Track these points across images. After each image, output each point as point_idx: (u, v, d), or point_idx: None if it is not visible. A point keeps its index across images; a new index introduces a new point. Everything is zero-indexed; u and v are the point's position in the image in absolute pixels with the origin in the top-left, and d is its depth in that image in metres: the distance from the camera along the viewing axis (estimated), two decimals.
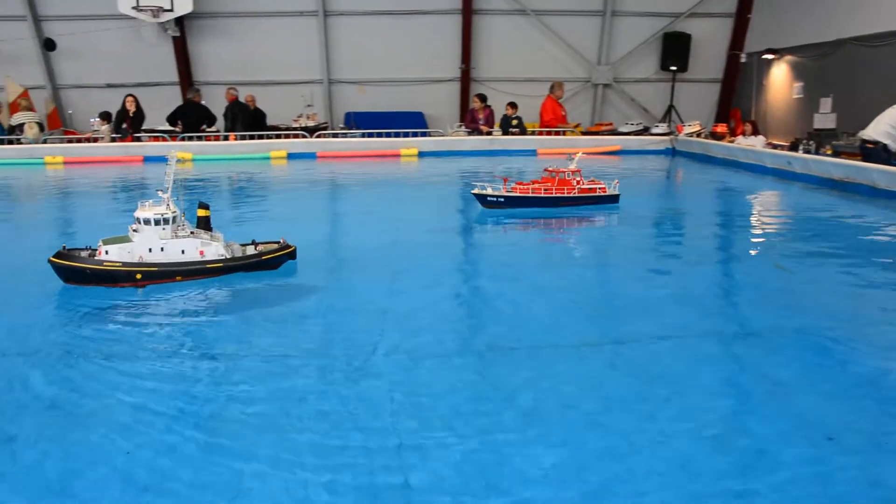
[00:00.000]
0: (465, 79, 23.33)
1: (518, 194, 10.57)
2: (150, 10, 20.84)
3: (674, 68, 23.28)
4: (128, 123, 19.38)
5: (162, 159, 18.01)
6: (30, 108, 19.97)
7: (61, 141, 19.89)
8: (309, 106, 21.58)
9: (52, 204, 13.79)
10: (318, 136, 19.95)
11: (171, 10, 21.03)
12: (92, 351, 5.20)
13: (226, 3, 22.21)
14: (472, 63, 23.26)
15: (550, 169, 10.81)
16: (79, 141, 19.85)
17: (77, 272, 6.58)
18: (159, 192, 6.78)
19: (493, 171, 16.30)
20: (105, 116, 19.82)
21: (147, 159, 18.46)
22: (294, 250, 7.33)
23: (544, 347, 5.34)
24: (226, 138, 19.56)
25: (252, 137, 19.48)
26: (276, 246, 7.29)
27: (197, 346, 5.37)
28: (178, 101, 21.35)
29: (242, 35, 22.56)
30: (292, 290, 6.86)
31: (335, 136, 20.62)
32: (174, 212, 6.76)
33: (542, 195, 10.64)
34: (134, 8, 20.88)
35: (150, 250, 6.67)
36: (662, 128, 21.37)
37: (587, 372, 4.92)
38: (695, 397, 4.48)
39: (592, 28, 23.52)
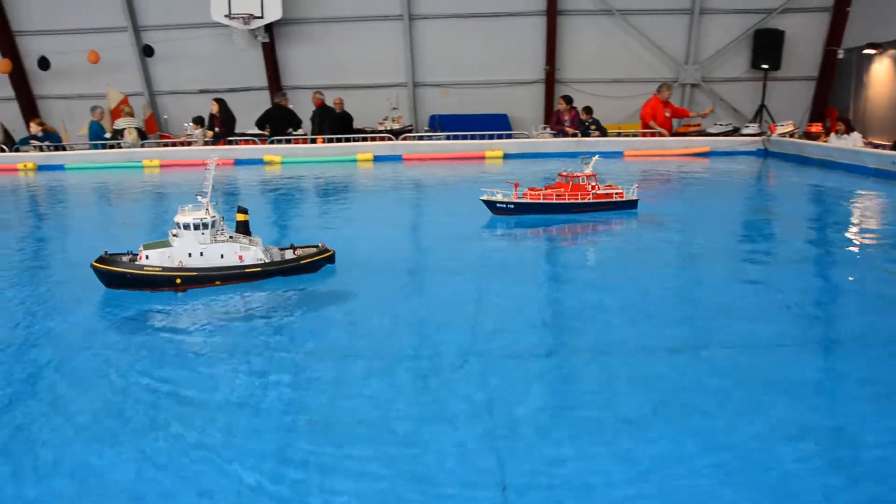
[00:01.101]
0: (550, 80, 23.13)
1: (528, 201, 10.23)
2: (242, 17, 21.40)
3: (765, 66, 22.50)
4: (217, 126, 20.00)
5: (252, 162, 18.79)
6: (131, 115, 20.83)
7: (157, 145, 20.65)
8: (394, 109, 21.81)
9: (143, 205, 14.36)
10: (404, 139, 20.10)
11: (261, 17, 21.55)
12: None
13: (313, 9, 22.63)
14: (556, 64, 23.05)
15: (565, 173, 10.45)
16: (174, 145, 20.58)
17: (118, 277, 6.64)
18: (198, 197, 6.80)
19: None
20: (198, 121, 20.53)
21: (238, 162, 19.00)
22: (333, 254, 7.34)
23: (638, 352, 5.23)
24: (313, 141, 19.92)
25: (339, 140, 19.79)
26: (314, 250, 7.31)
27: (291, 345, 5.51)
28: (267, 106, 21.86)
29: (329, 40, 22.95)
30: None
31: (420, 138, 20.74)
32: (213, 216, 6.78)
33: (554, 201, 10.26)
34: (226, 16, 21.49)
35: (189, 255, 6.71)
36: (753, 128, 20.69)
37: (688, 376, 4.79)
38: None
39: (680, 27, 22.98)
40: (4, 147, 20.66)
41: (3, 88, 23.71)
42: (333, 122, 20.40)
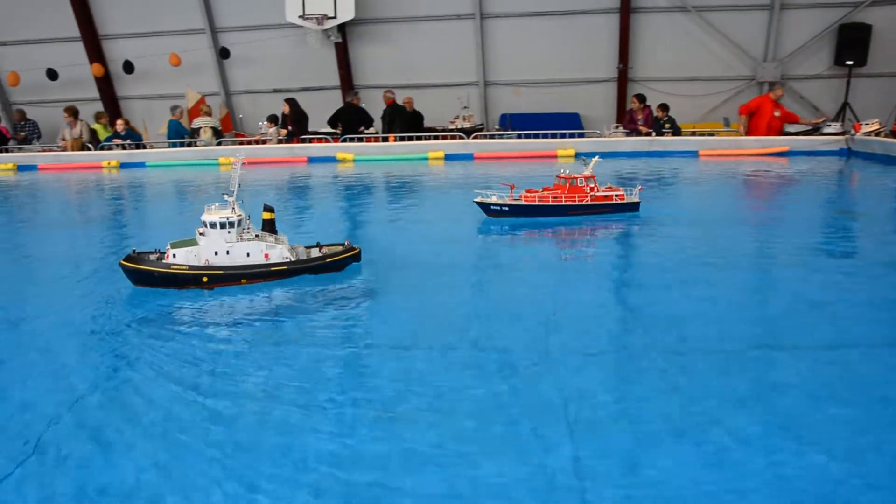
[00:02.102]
0: (623, 79, 22.79)
1: (523, 203, 9.93)
2: (316, 17, 21.74)
3: (850, 62, 21.65)
4: (289, 125, 20.34)
5: (325, 160, 19.03)
6: (208, 114, 21.38)
7: (233, 143, 21.12)
8: (465, 108, 21.82)
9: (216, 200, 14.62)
10: (475, 138, 20.07)
11: (334, 18, 21.85)
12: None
13: (385, 9, 22.82)
14: (629, 63, 22.69)
15: (563, 175, 10.07)
16: (249, 143, 21.02)
17: (145, 275, 6.66)
18: (225, 196, 6.79)
19: (649, 173, 15.88)
20: (272, 119, 20.93)
21: (311, 160, 19.30)
22: (359, 252, 7.27)
23: (714, 353, 5.05)
24: (385, 139, 20.06)
25: (410, 139, 19.88)
26: (340, 248, 7.25)
27: (361, 338, 5.52)
28: (339, 105, 22.15)
29: (400, 39, 23.12)
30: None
31: (491, 137, 20.67)
32: (239, 215, 6.77)
33: (549, 203, 9.92)
34: (300, 16, 21.86)
35: (215, 253, 6.69)
36: (836, 127, 19.91)
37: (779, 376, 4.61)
38: None
39: (758, 23, 22.30)
40: (90, 145, 21.45)
41: (90, 90, 24.67)
42: (404, 121, 20.53)
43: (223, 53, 23.67)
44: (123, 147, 21.00)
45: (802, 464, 3.53)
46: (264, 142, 20.62)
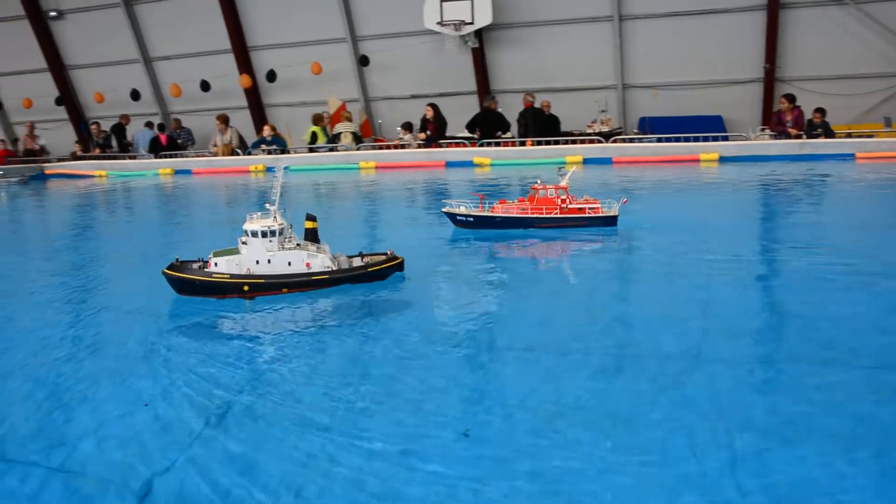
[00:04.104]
0: (769, 79, 21.72)
1: (486, 214, 9.40)
2: (453, 24, 21.99)
3: None
4: (431, 130, 20.64)
5: (462, 164, 19.20)
6: (349, 120, 22.06)
7: (373, 148, 21.68)
8: (603, 111, 21.44)
9: (358, 205, 14.99)
10: (613, 142, 19.70)
11: (471, 23, 22.02)
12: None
13: (522, 13, 22.80)
14: (776, 62, 21.61)
15: (536, 185, 9.44)
16: (388, 148, 21.50)
17: (188, 283, 6.67)
18: (266, 205, 6.71)
19: (800, 176, 15.10)
20: (407, 126, 21.32)
21: (449, 164, 19.52)
22: (401, 262, 7.10)
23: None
24: (522, 144, 20.02)
25: (548, 143, 19.74)
26: (383, 258, 7.10)
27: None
28: (475, 110, 22.29)
29: (537, 43, 23.03)
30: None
31: (630, 140, 20.23)
32: (281, 224, 6.69)
33: (515, 215, 9.33)
34: (438, 23, 22.17)
35: (257, 262, 6.61)
36: None
37: None
38: None
39: None
40: (239, 151, 22.58)
41: (239, 99, 26.01)
42: (540, 125, 20.42)
43: (363, 61, 24.35)
44: (270, 152, 21.97)
45: None
46: (403, 147, 21.03)
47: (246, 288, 6.59)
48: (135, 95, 27.10)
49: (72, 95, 29.23)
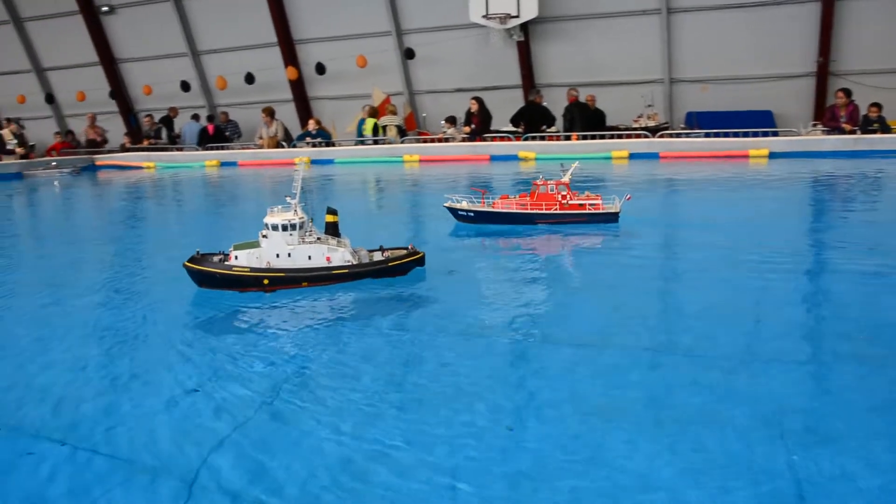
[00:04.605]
0: (822, 73, 21.18)
1: (487, 209, 9.48)
2: (499, 17, 21.85)
3: None
4: (476, 124, 20.58)
5: (507, 158, 19.12)
6: (394, 113, 22.10)
7: (417, 141, 21.70)
8: (649, 106, 21.17)
9: (396, 197, 15.01)
10: (660, 136, 19.43)
11: (517, 17, 21.85)
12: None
13: (568, 6, 22.56)
14: (831, 55, 21.06)
15: (537, 181, 9.45)
16: (432, 141, 21.50)
17: (208, 276, 6.66)
18: (287, 199, 6.68)
19: (854, 173, 14.73)
20: (450, 120, 21.30)
21: (493, 158, 19.44)
22: (422, 256, 7.05)
23: None
24: (567, 138, 19.86)
25: (594, 137, 19.55)
26: (404, 252, 7.05)
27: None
28: (520, 103, 22.19)
29: (583, 37, 22.78)
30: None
31: (677, 135, 19.92)
32: (302, 218, 6.65)
33: (514, 211, 9.39)
34: (484, 16, 22.06)
35: (277, 256, 6.59)
36: None
37: None
38: None
39: None
40: (284, 143, 22.79)
41: (284, 92, 26.24)
42: (586, 119, 20.23)
43: (408, 54, 24.37)
44: (315, 145, 22.13)
45: None
46: (447, 140, 21.01)
47: (266, 281, 6.59)
48: (185, 87, 27.49)
49: (122, 88, 29.80)
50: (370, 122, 21.87)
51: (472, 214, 9.64)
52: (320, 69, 25.08)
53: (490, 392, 4.39)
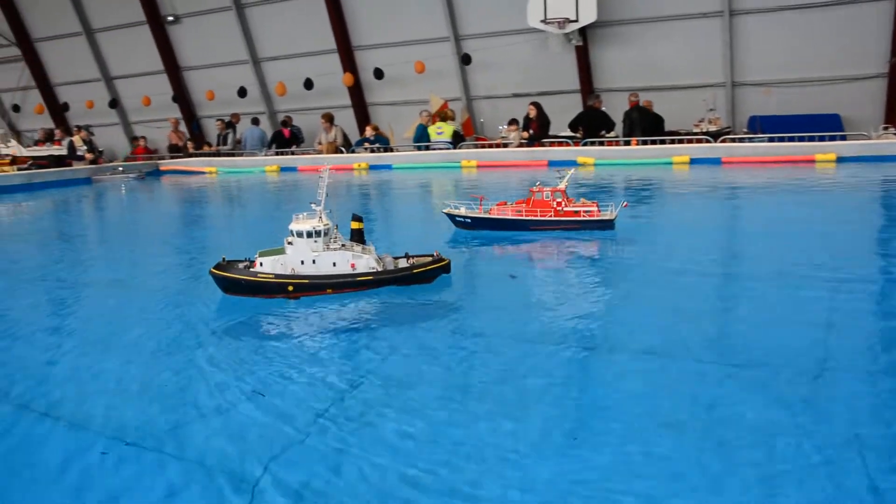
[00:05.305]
0: (894, 74, 20.52)
1: (482, 215, 9.51)
2: (557, 21, 21.74)
3: None
4: (534, 129, 20.53)
5: (565, 163, 19.03)
6: (451, 118, 22.19)
7: (474, 147, 21.74)
8: (711, 110, 20.77)
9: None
10: (722, 141, 19.08)
11: (576, 21, 21.70)
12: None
13: (627, 10, 22.30)
14: None
15: (534, 188, 9.39)
16: (489, 146, 21.51)
17: (233, 283, 6.66)
18: (312, 205, 6.66)
19: None
20: (513, 122, 21.27)
21: (551, 163, 19.35)
22: (448, 263, 6.95)
23: None
24: (627, 143, 19.65)
25: (653, 142, 19.31)
26: (429, 259, 6.97)
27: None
28: (578, 108, 22.04)
29: (643, 41, 22.49)
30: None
31: (740, 140, 19.52)
32: (327, 224, 6.64)
33: (509, 217, 9.37)
34: (542, 21, 21.97)
35: (302, 262, 6.59)
36: None
37: None
38: None
39: None
40: (343, 149, 23.07)
41: (342, 98, 26.57)
42: (645, 124, 19.99)
43: (465, 59, 24.42)
44: (373, 150, 22.35)
45: None
46: (505, 145, 21.00)
47: (290, 288, 6.60)
48: (242, 93, 27.99)
49: (185, 94, 30.58)
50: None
51: (468, 221, 9.78)
52: (378, 74, 25.31)
53: (543, 400, 4.35)
